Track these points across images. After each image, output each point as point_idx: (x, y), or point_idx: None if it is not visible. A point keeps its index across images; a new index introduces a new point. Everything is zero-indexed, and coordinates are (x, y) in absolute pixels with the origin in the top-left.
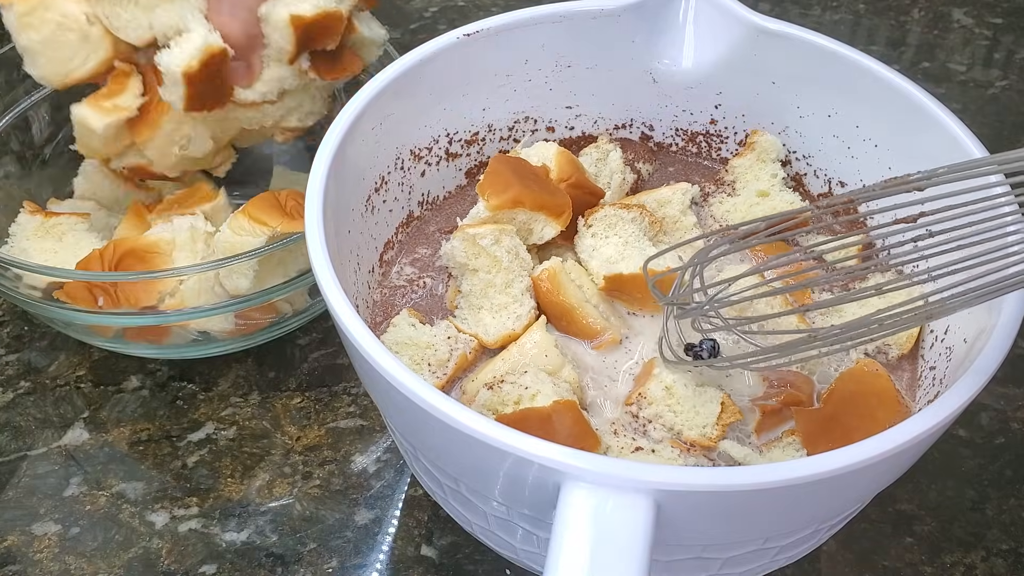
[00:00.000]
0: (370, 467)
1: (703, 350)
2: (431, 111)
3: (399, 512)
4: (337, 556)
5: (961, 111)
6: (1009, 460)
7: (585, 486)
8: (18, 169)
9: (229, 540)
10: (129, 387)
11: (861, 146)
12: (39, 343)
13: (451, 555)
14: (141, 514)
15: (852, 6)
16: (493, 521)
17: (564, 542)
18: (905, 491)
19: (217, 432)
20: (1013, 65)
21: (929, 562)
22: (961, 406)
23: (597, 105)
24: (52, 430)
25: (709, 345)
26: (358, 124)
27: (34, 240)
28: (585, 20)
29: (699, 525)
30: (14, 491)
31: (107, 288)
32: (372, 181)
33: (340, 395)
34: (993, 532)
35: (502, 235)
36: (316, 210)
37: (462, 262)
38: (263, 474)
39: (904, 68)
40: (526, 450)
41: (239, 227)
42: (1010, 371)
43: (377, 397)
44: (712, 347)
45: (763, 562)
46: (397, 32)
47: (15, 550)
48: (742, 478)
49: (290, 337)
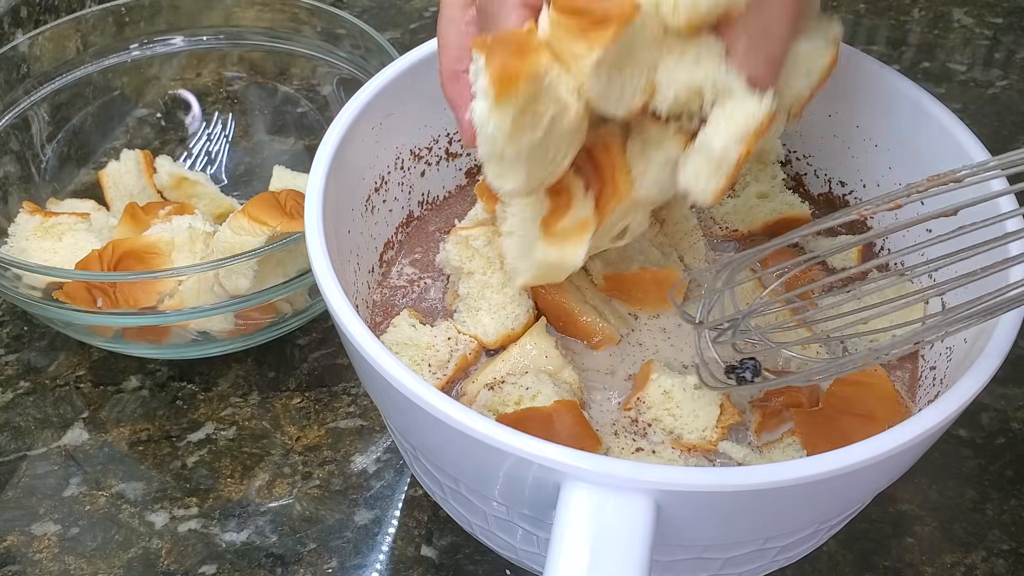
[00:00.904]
0: (370, 467)
1: (745, 370)
2: (431, 111)
3: (399, 512)
4: (337, 556)
5: (961, 111)
6: (1010, 460)
7: (585, 486)
8: (18, 169)
9: (229, 540)
10: (129, 387)
11: (861, 146)
12: (39, 343)
13: (451, 555)
14: (141, 514)
15: (852, 6)
16: (493, 521)
17: (564, 542)
18: (906, 491)
19: (217, 432)
20: (1013, 65)
21: (929, 562)
22: (961, 406)
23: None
24: (51, 430)
25: (751, 365)
26: (358, 124)
27: (33, 240)
28: None
29: (699, 525)
30: (13, 491)
31: (106, 289)
32: (372, 181)
33: (340, 395)
34: (994, 532)
35: (495, 236)
36: (316, 210)
37: (457, 265)
38: (263, 474)
39: (904, 68)
40: (526, 450)
41: (239, 227)
42: (1010, 371)
43: (377, 397)
44: (754, 367)
45: (763, 562)
46: (397, 32)
47: (14, 550)
48: (742, 478)
49: (290, 337)
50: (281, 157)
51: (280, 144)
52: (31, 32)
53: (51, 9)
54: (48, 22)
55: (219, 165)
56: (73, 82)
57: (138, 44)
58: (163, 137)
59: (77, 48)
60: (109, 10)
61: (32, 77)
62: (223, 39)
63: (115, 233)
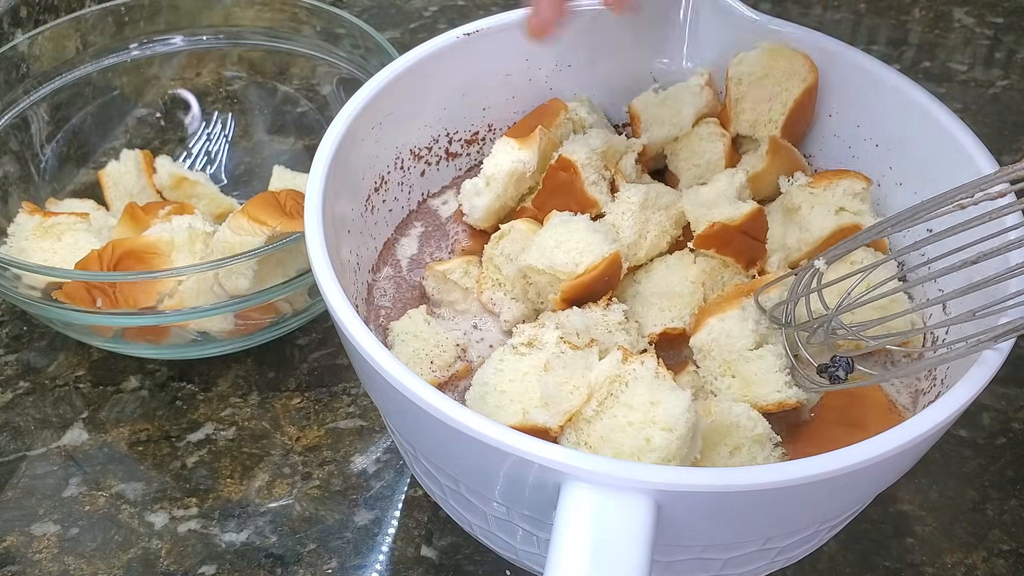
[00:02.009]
0: (370, 467)
1: (838, 368)
2: (431, 111)
3: (399, 513)
4: (337, 557)
5: (962, 111)
6: (1010, 460)
7: (585, 486)
8: (17, 169)
9: (228, 541)
10: (128, 387)
11: (862, 146)
12: (38, 343)
13: (451, 556)
14: (140, 514)
15: (853, 5)
16: (493, 522)
17: (564, 543)
18: (906, 491)
19: (216, 432)
20: (1014, 65)
21: (930, 563)
22: (962, 407)
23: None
24: (51, 430)
25: (844, 362)
26: (358, 124)
27: (33, 240)
28: (585, 19)
29: (699, 525)
30: (13, 491)
31: (105, 289)
32: (372, 181)
33: (340, 395)
34: (994, 532)
35: (470, 266)
36: (316, 210)
37: (438, 298)
38: (262, 474)
39: (905, 68)
40: (526, 450)
41: (238, 227)
42: (1011, 371)
43: (376, 397)
44: (847, 364)
45: (764, 563)
46: (397, 32)
47: (14, 551)
48: (742, 478)
49: (290, 337)
50: (281, 157)
51: (280, 144)
52: (31, 32)
53: (51, 9)
54: (48, 22)
55: (219, 165)
56: (73, 82)
57: (138, 44)
58: (163, 137)
59: (77, 48)
60: (109, 10)
61: (32, 77)
62: (223, 39)
63: (115, 233)
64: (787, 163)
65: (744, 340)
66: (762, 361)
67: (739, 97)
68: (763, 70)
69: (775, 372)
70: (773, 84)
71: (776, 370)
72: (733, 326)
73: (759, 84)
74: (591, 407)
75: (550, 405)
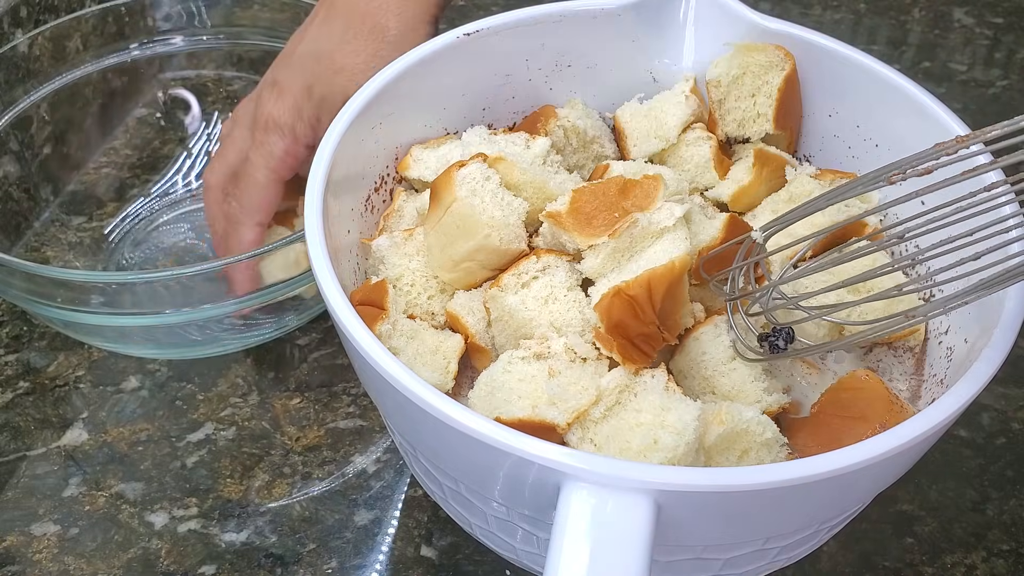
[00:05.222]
0: (370, 467)
1: (778, 338)
2: (431, 111)
3: (399, 513)
4: (337, 557)
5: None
6: (1010, 460)
7: (585, 486)
8: (18, 169)
9: (228, 541)
10: (128, 387)
11: (862, 146)
12: (38, 343)
13: (451, 556)
14: (140, 514)
15: (853, 5)
16: (493, 522)
17: (564, 543)
18: (906, 491)
19: (216, 432)
20: (1014, 65)
21: (930, 563)
22: (962, 407)
23: (598, 105)
24: (51, 430)
25: (784, 332)
26: (358, 124)
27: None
28: (585, 19)
29: (699, 525)
30: (13, 491)
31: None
32: (372, 181)
33: (340, 395)
34: (994, 532)
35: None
36: (316, 210)
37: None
38: (262, 474)
39: (905, 68)
40: (526, 450)
41: None
42: (1011, 371)
43: (376, 397)
44: (787, 334)
45: (764, 562)
46: None
47: (14, 551)
48: (742, 478)
49: (290, 337)
50: None
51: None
52: (31, 32)
53: (51, 9)
54: (48, 22)
55: None
56: (73, 82)
57: (138, 44)
58: (163, 137)
59: (77, 48)
60: (109, 10)
61: (32, 77)
62: (223, 39)
63: None
64: (776, 173)
65: (719, 354)
66: (736, 374)
67: (720, 99)
68: (739, 68)
69: (751, 382)
70: (752, 79)
71: (751, 380)
72: (707, 343)
73: (738, 82)
74: (599, 410)
75: (559, 403)
